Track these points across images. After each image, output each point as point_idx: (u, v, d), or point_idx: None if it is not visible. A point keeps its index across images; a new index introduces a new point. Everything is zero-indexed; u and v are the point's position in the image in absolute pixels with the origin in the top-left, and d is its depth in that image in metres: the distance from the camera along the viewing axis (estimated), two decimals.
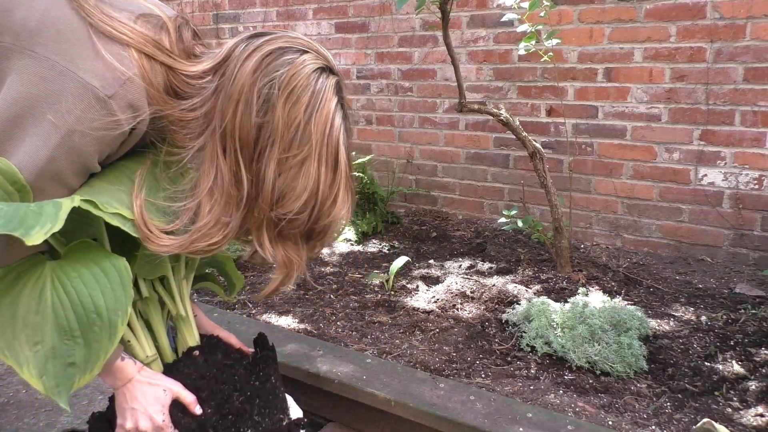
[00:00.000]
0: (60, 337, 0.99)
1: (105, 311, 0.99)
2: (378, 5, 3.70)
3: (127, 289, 0.99)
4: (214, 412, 1.15)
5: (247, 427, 1.16)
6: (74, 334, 0.99)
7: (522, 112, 3.29)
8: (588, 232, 3.20)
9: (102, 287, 0.99)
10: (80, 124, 0.94)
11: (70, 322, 0.99)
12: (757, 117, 2.70)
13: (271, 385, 1.24)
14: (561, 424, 1.54)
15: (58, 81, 0.92)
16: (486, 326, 2.21)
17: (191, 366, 1.19)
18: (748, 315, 2.25)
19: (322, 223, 1.02)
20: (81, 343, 1.00)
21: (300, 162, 0.97)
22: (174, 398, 1.12)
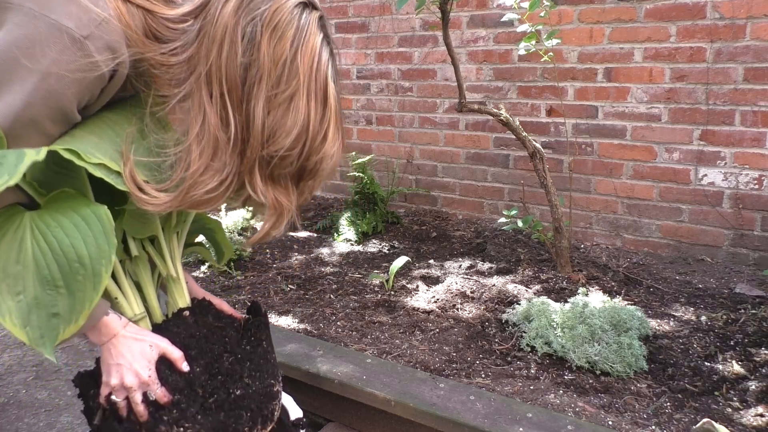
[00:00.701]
0: (42, 288, 0.97)
1: (88, 260, 0.96)
2: (378, 5, 3.70)
3: (109, 237, 0.96)
4: (203, 371, 1.12)
5: (236, 388, 1.14)
6: (57, 284, 0.97)
7: (522, 112, 3.29)
8: (588, 232, 3.20)
9: (84, 236, 0.97)
10: (56, 66, 0.91)
11: (52, 272, 0.97)
12: (757, 117, 2.70)
13: (262, 349, 1.21)
14: (561, 424, 1.54)
15: (32, 25, 0.90)
16: (486, 326, 2.21)
17: (180, 325, 1.17)
18: (748, 315, 2.25)
19: (313, 159, 1.00)
20: (64, 293, 0.98)
21: (288, 98, 0.95)
22: (161, 354, 1.09)
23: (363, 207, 3.49)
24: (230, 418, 1.11)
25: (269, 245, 3.21)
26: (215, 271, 2.86)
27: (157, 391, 1.07)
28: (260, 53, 0.94)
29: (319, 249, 3.14)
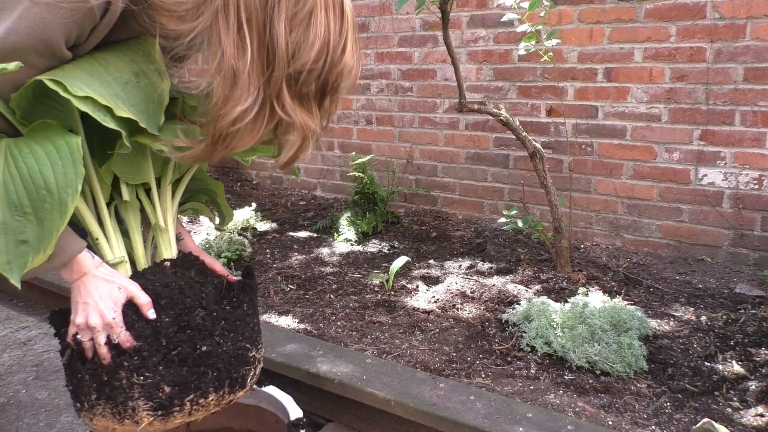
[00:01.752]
0: (11, 213, 0.97)
1: (55, 188, 0.96)
2: (378, 5, 3.70)
3: (77, 166, 0.96)
4: (172, 322, 1.09)
5: (204, 344, 1.11)
6: (25, 210, 0.97)
7: (522, 112, 3.29)
8: (588, 232, 3.20)
9: (53, 164, 0.97)
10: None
11: (20, 197, 0.97)
12: (757, 117, 2.70)
13: (241, 311, 1.18)
14: (561, 424, 1.54)
15: None
16: (486, 326, 2.21)
17: (158, 274, 1.15)
18: (748, 315, 2.25)
19: (334, 72, 1.00)
20: (33, 220, 0.97)
21: (308, 13, 0.95)
22: (128, 298, 1.08)
23: (363, 207, 3.49)
24: (193, 374, 1.09)
25: (269, 245, 3.21)
26: None
27: (120, 335, 1.05)
28: None
29: (319, 249, 3.14)
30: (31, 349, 2.44)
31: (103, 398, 1.08)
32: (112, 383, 1.07)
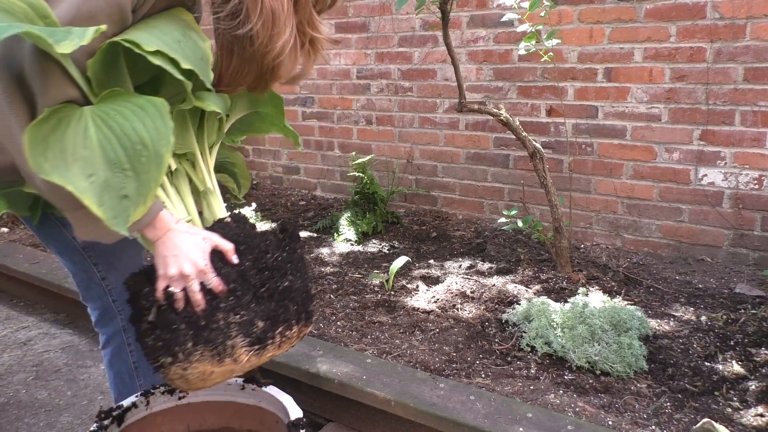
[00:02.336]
0: (111, 170, 1.01)
1: (150, 142, 1.02)
2: (378, 5, 3.70)
3: (166, 120, 1.02)
4: (252, 265, 1.17)
5: (283, 281, 1.20)
6: (124, 166, 1.02)
7: (522, 112, 3.29)
8: (588, 232, 3.21)
9: (142, 120, 1.02)
10: None
11: (118, 155, 1.02)
12: (757, 117, 2.70)
13: (297, 255, 1.27)
14: (561, 424, 1.54)
15: None
16: (486, 326, 2.21)
17: (225, 228, 1.22)
18: (748, 315, 2.25)
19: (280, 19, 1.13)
20: (131, 175, 1.02)
21: None
22: (213, 247, 1.14)
23: (363, 207, 3.49)
24: (280, 308, 1.18)
25: None
26: None
27: (213, 280, 1.11)
28: None
29: (319, 249, 3.14)
30: (31, 349, 2.44)
31: (201, 343, 1.12)
32: (209, 326, 1.12)
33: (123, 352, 1.51)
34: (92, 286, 1.42)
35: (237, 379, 1.38)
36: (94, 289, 1.43)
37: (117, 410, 1.27)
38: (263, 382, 1.38)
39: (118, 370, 1.54)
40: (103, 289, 1.43)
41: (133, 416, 1.30)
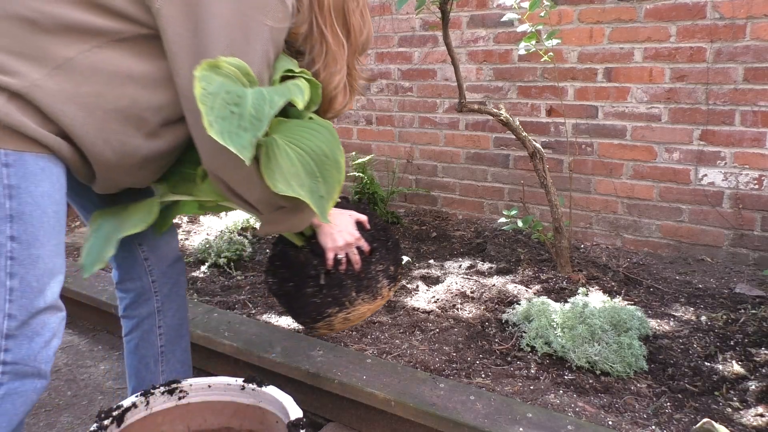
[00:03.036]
0: (310, 179, 1.35)
1: (330, 152, 1.35)
2: (378, 5, 3.70)
3: (334, 134, 1.35)
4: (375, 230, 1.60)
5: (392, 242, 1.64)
6: (317, 175, 1.34)
7: (522, 112, 3.29)
8: (588, 232, 3.21)
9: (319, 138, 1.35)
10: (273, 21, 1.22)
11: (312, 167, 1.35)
12: (757, 117, 2.70)
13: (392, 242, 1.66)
14: (561, 424, 1.54)
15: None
16: (486, 326, 2.21)
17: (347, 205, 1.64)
18: (748, 315, 2.25)
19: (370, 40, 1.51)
20: (321, 180, 1.35)
21: (362, 8, 1.43)
22: (355, 220, 1.56)
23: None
24: (397, 255, 1.65)
25: (269, 245, 3.21)
26: (215, 270, 2.86)
27: (363, 244, 1.54)
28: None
29: None
30: None
31: (362, 291, 1.56)
32: (366, 277, 1.56)
33: (152, 335, 1.59)
34: (135, 267, 1.55)
35: (237, 379, 1.38)
36: (136, 269, 1.55)
37: (117, 410, 1.27)
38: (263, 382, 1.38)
39: (144, 355, 1.60)
40: (145, 270, 1.55)
41: (133, 416, 1.30)
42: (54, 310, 1.22)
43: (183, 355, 1.67)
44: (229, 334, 2.06)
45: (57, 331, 1.22)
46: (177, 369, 1.65)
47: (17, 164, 1.15)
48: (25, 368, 1.17)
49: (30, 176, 1.16)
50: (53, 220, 1.20)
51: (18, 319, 1.16)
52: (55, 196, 1.20)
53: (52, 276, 1.20)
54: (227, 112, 1.19)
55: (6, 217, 1.14)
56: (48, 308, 1.20)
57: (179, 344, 1.65)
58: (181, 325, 1.65)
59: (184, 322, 1.66)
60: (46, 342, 1.19)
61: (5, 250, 1.14)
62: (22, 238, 1.15)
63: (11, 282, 1.15)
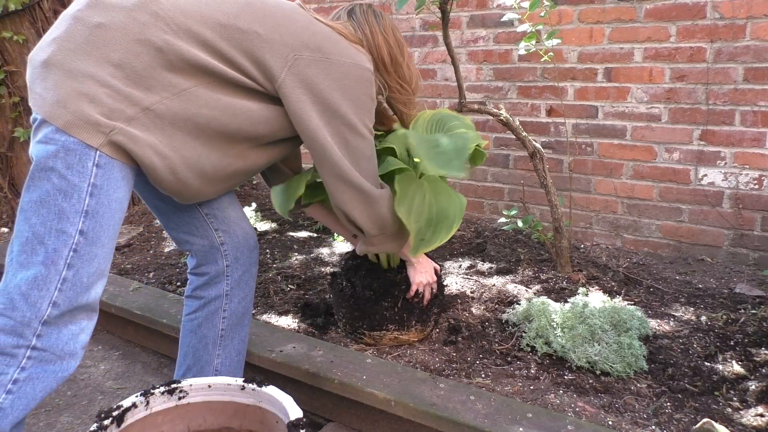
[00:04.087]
0: (426, 224, 1.73)
1: (452, 215, 1.75)
2: (378, 5, 3.70)
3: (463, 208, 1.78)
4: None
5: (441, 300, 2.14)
6: (432, 223, 1.73)
7: (522, 112, 3.29)
8: (588, 232, 3.21)
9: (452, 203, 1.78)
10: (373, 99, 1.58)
11: (432, 216, 1.74)
12: (757, 117, 2.70)
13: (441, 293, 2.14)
14: (561, 424, 1.55)
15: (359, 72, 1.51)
16: (486, 326, 2.21)
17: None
18: (748, 315, 2.25)
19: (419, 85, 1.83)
20: (432, 229, 1.73)
21: (409, 58, 1.75)
22: (433, 266, 2.04)
23: None
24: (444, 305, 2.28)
25: (269, 245, 3.21)
26: None
27: (435, 287, 2.03)
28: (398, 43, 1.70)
29: (319, 249, 3.14)
30: None
31: (419, 322, 2.04)
32: (426, 313, 2.04)
33: (216, 317, 1.67)
34: (212, 251, 1.66)
35: (237, 379, 1.39)
36: (213, 254, 1.66)
37: (117, 410, 1.27)
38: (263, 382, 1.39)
39: (204, 335, 1.67)
40: (221, 254, 1.66)
41: (133, 416, 1.30)
42: (90, 311, 1.31)
43: (240, 345, 1.73)
44: None
45: (86, 328, 1.30)
46: (232, 357, 1.71)
47: (106, 167, 1.26)
48: (50, 356, 1.24)
49: (113, 181, 1.28)
50: (116, 226, 1.32)
51: (60, 308, 1.24)
52: (124, 204, 1.33)
53: (101, 277, 1.30)
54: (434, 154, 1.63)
55: (82, 212, 1.24)
56: (87, 306, 1.29)
57: (239, 332, 1.72)
58: (244, 315, 1.72)
59: (247, 312, 1.73)
60: (73, 335, 1.27)
61: (72, 241, 1.23)
62: (89, 235, 1.25)
63: (67, 272, 1.24)
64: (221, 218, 1.66)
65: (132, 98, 1.27)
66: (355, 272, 2.04)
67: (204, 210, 1.64)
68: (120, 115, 1.26)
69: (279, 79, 1.40)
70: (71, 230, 1.23)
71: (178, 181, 1.38)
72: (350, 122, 1.49)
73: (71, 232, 1.23)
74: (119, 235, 3.36)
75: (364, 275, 2.00)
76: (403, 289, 1.97)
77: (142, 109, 1.29)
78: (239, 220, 1.69)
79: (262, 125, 1.44)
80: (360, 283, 1.99)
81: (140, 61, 1.28)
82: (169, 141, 1.33)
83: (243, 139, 1.44)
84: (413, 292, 1.95)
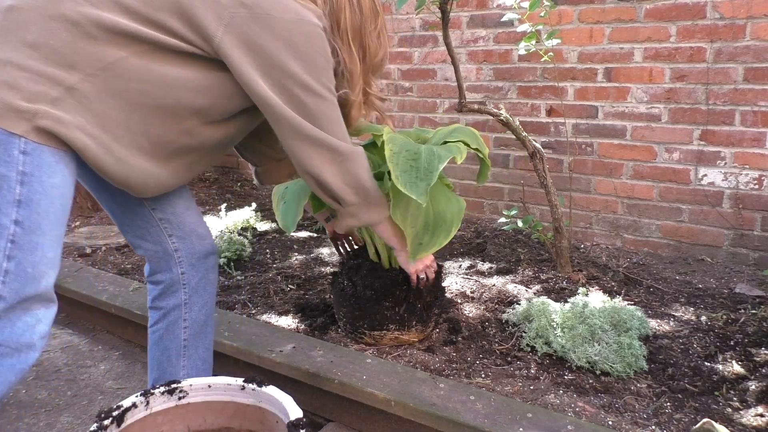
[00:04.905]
0: (423, 228, 1.72)
1: (450, 221, 1.74)
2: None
3: (462, 211, 1.77)
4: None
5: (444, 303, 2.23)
6: (429, 227, 1.73)
7: (522, 112, 3.29)
8: (588, 232, 3.21)
9: (451, 207, 1.77)
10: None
11: (430, 221, 1.73)
12: (757, 117, 2.70)
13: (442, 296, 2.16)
14: (561, 424, 1.54)
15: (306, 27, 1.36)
16: (486, 326, 2.21)
17: None
18: (748, 315, 2.25)
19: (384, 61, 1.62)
20: (430, 233, 1.72)
21: (379, 31, 1.57)
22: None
23: None
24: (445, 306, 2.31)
25: (269, 245, 3.21)
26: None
27: (434, 266, 1.95)
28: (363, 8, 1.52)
29: (319, 249, 3.14)
30: None
31: (420, 323, 2.05)
32: (427, 313, 2.05)
33: (177, 327, 1.61)
34: (165, 258, 1.59)
35: (237, 379, 1.38)
36: (167, 260, 1.59)
37: (117, 410, 1.27)
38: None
39: (166, 347, 1.62)
40: (175, 261, 1.59)
41: (132, 416, 1.30)
42: (45, 301, 1.25)
43: (205, 353, 1.69)
44: (229, 334, 2.06)
45: (44, 318, 1.25)
46: (198, 366, 1.67)
47: (35, 153, 1.19)
48: (6, 349, 1.21)
49: (45, 167, 1.21)
50: (59, 213, 1.24)
51: (8, 301, 1.20)
52: (64, 190, 1.25)
53: (49, 266, 1.24)
54: (407, 166, 1.57)
55: (14, 202, 1.19)
56: (39, 296, 1.23)
57: (202, 341, 1.67)
58: (206, 322, 1.66)
59: (209, 319, 1.68)
60: (29, 326, 1.23)
61: (7, 232, 1.18)
62: (25, 224, 1.20)
63: (8, 264, 1.19)
64: (176, 223, 1.58)
65: (55, 78, 1.20)
66: (356, 272, 2.02)
67: (158, 215, 1.56)
68: (43, 97, 1.19)
69: (216, 39, 1.28)
70: (5, 221, 1.18)
71: (118, 161, 1.29)
72: (304, 83, 1.35)
73: (6, 223, 1.18)
74: (119, 235, 3.36)
75: (366, 275, 1.98)
76: (404, 288, 1.96)
77: (67, 89, 1.21)
78: (195, 225, 1.61)
79: (202, 96, 1.33)
80: (361, 283, 1.99)
81: (58, 39, 1.20)
82: (99, 120, 1.24)
83: (187, 113, 1.33)
84: (414, 282, 1.89)
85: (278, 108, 1.35)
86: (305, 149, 1.41)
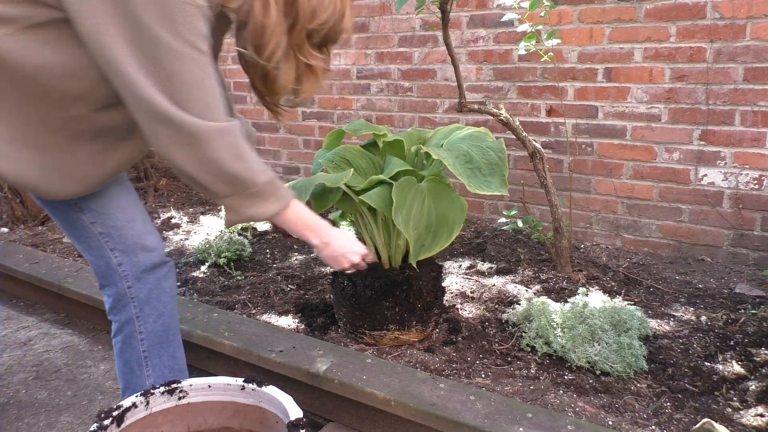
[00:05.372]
0: (425, 230, 1.74)
1: (452, 222, 1.74)
2: (378, 5, 3.70)
3: (464, 211, 1.78)
4: None
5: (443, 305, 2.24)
6: (431, 229, 1.74)
7: (522, 112, 3.29)
8: (588, 232, 3.21)
9: (453, 208, 1.76)
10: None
11: (431, 222, 1.74)
12: (757, 117, 2.70)
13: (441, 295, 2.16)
14: (561, 424, 1.54)
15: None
16: (486, 326, 2.21)
17: None
18: (748, 315, 2.25)
19: (337, 28, 1.30)
20: (431, 235, 1.74)
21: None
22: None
23: None
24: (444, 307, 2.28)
25: (269, 245, 3.21)
26: (215, 270, 2.86)
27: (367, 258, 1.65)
28: None
29: None
30: (31, 349, 2.44)
31: (420, 322, 2.04)
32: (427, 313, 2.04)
33: (134, 340, 1.56)
34: (109, 273, 1.51)
35: (237, 379, 1.38)
36: (111, 275, 1.51)
37: (117, 410, 1.27)
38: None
39: (128, 359, 1.58)
40: (119, 276, 1.50)
41: (132, 416, 1.30)
42: None
43: (171, 361, 1.62)
44: (229, 334, 2.06)
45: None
46: (165, 374, 1.61)
47: None
48: None
49: None
50: None
51: None
52: None
53: None
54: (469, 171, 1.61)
55: None
56: None
57: (166, 350, 1.60)
58: (166, 331, 1.59)
59: (169, 328, 1.60)
60: None
61: None
62: None
63: None
64: (117, 237, 1.48)
65: None
66: (356, 271, 2.03)
67: (98, 228, 1.47)
68: None
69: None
70: None
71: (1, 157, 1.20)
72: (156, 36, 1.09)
73: None
74: None
75: (366, 274, 1.98)
76: (404, 288, 1.97)
77: None
78: (138, 238, 1.50)
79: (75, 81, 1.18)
80: (361, 283, 1.99)
81: None
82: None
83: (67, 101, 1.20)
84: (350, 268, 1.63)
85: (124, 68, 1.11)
86: (150, 124, 1.16)
